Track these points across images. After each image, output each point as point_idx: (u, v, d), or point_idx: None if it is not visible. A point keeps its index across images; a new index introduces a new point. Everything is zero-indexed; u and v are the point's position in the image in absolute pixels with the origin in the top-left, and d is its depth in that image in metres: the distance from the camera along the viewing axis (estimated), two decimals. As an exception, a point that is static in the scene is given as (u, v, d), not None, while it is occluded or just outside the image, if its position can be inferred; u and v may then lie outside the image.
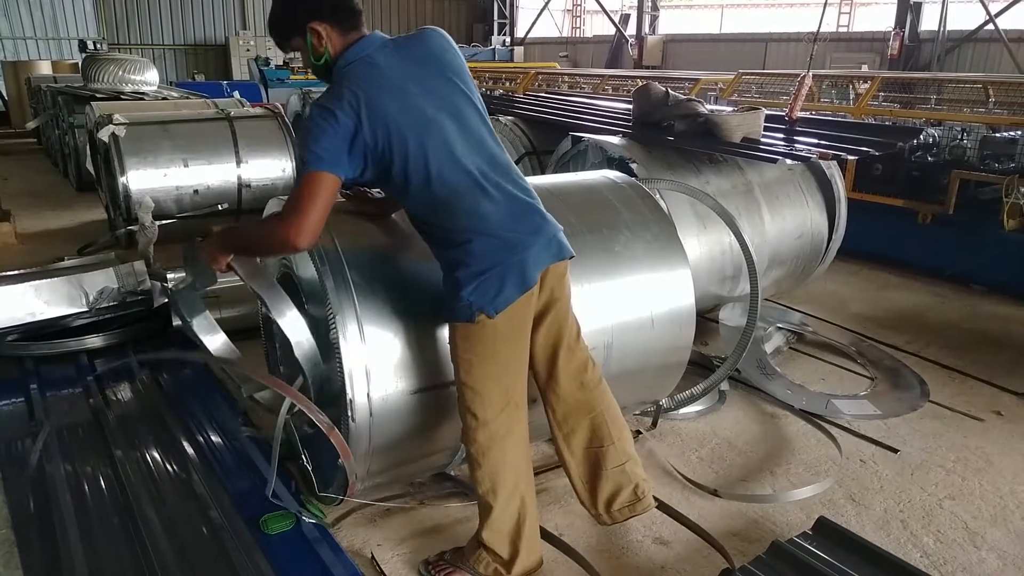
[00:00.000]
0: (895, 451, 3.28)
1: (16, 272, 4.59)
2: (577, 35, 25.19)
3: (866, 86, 7.92)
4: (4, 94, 15.57)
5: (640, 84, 6.32)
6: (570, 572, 2.50)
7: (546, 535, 2.62)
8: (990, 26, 15.15)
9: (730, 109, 5.21)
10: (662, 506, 2.80)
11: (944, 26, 15.57)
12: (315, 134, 2.06)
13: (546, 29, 25.46)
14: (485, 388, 2.23)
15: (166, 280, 4.29)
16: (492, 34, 25.59)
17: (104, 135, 6.00)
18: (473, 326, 2.17)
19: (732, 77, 8.89)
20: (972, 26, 15.55)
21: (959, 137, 5.86)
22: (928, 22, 16.00)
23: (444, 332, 2.42)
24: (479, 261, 2.13)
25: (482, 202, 2.16)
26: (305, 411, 2.35)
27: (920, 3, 15.86)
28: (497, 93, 10.87)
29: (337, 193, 2.12)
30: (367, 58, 2.14)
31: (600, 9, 22.99)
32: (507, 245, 2.15)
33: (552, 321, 2.35)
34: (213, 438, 3.25)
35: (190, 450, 3.15)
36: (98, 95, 8.72)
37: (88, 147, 7.05)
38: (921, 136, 5.87)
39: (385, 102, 2.08)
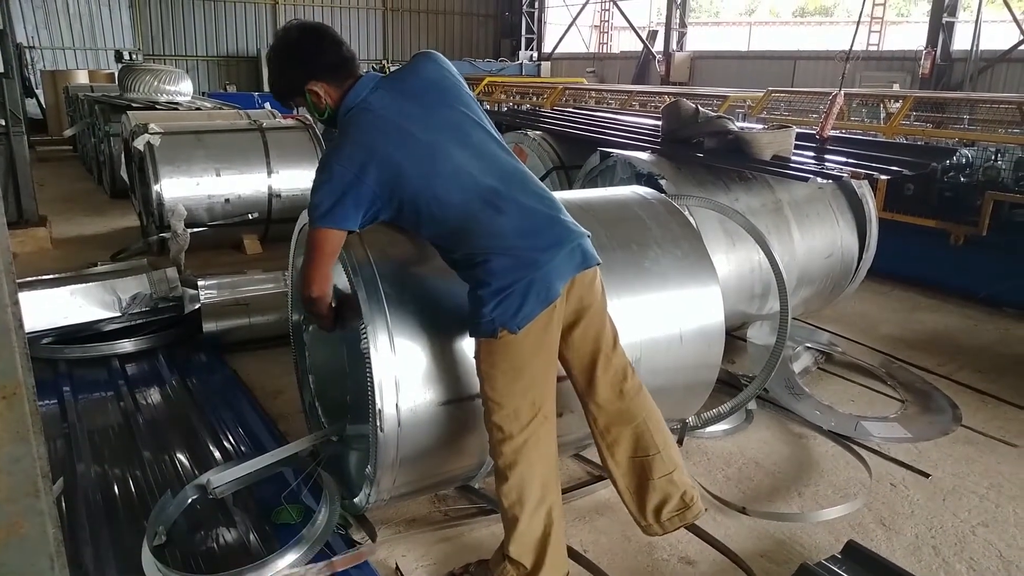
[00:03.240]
0: (926, 475, 3.22)
1: (51, 276, 4.69)
2: (604, 51, 25.27)
3: (898, 105, 7.86)
4: (42, 102, 15.95)
5: (668, 100, 6.33)
6: (594, 589, 2.48)
7: (571, 553, 2.60)
8: (1024, 46, 14.96)
9: (760, 127, 5.19)
10: (689, 525, 2.77)
11: (977, 45, 15.41)
12: (319, 189, 2.18)
13: (573, 44, 25.59)
14: (511, 402, 2.23)
15: (197, 287, 4.36)
16: (520, 49, 25.76)
17: (139, 144, 6.13)
18: (497, 342, 2.17)
19: (761, 94, 8.87)
20: (1006, 46, 15.36)
21: (993, 158, 5.79)
22: (960, 41, 15.84)
23: (472, 344, 2.43)
24: (498, 279, 2.14)
25: (497, 220, 2.17)
26: None
27: (952, 22, 15.71)
28: (524, 108, 10.94)
29: (343, 241, 2.27)
30: (362, 103, 2.22)
31: (628, 25, 23.06)
32: (525, 262, 2.15)
33: (586, 329, 2.34)
34: (240, 443, 3.28)
35: (217, 454, 3.18)
36: (134, 104, 8.92)
37: (123, 155, 7.20)
38: (954, 157, 5.81)
39: (384, 146, 2.16)
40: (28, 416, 0.84)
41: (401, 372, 2.33)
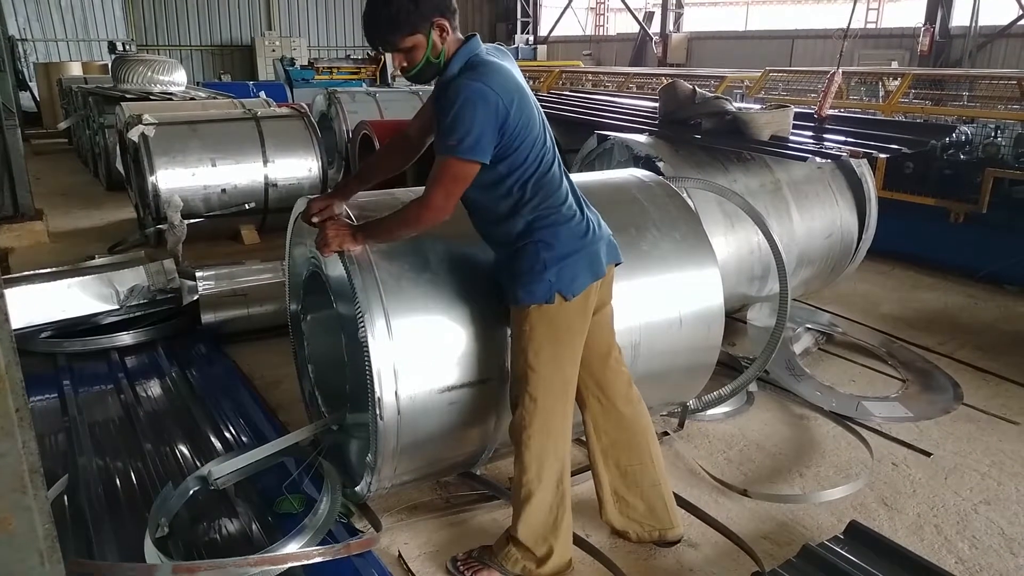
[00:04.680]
0: (928, 454, 3.22)
1: (48, 270, 4.67)
2: (601, 33, 25.10)
3: (896, 83, 7.81)
4: (36, 95, 15.86)
5: (665, 82, 6.28)
6: (597, 574, 2.48)
7: (573, 537, 2.61)
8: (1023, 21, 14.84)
9: (758, 107, 5.15)
10: (690, 508, 2.79)
11: (976, 21, 15.29)
12: (475, 117, 2.03)
13: (569, 27, 25.41)
14: (550, 372, 2.28)
15: (194, 278, 4.34)
16: (515, 32, 25.57)
17: (134, 135, 6.09)
18: (548, 308, 2.23)
19: (759, 75, 8.81)
20: (1005, 21, 15.25)
21: (993, 135, 5.75)
22: (959, 17, 15.72)
23: (473, 329, 2.42)
24: (564, 245, 2.23)
25: (568, 194, 2.30)
26: None
27: (951, -2, 15.60)
28: (521, 92, 10.87)
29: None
30: (487, 56, 2.16)
31: (624, 7, 22.88)
32: (584, 233, 2.28)
33: (603, 324, 2.44)
34: (240, 434, 3.28)
35: (218, 445, 3.18)
36: (128, 96, 8.85)
37: (118, 147, 7.16)
38: (953, 134, 5.77)
39: (521, 94, 2.14)
40: (12, 411, 0.83)
41: (400, 360, 2.32)
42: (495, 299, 2.42)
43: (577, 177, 3.63)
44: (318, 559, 2.37)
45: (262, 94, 10.31)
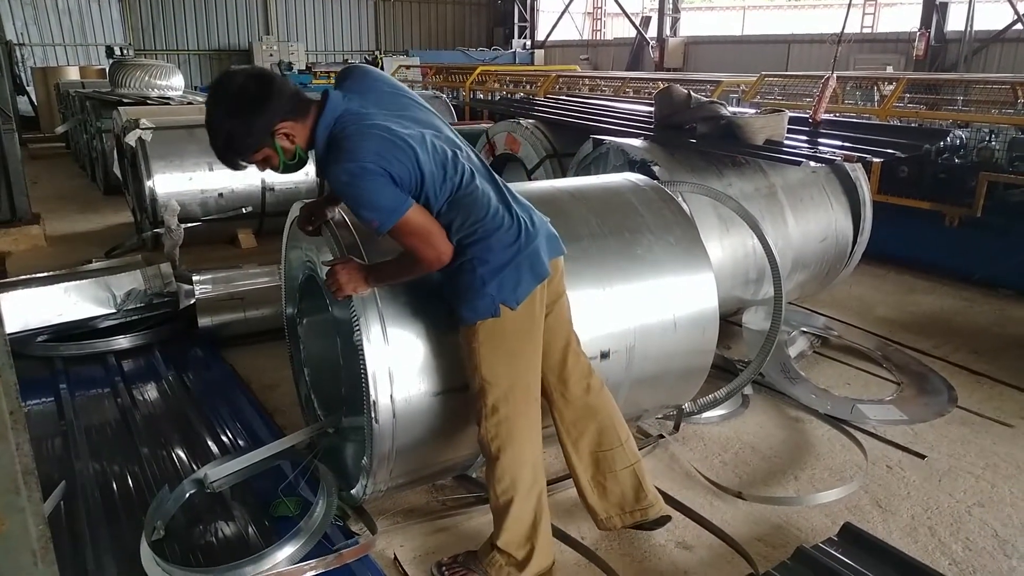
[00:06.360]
0: (922, 457, 3.23)
1: (46, 274, 4.67)
2: (598, 38, 25.16)
3: (891, 87, 7.83)
4: (34, 99, 15.86)
5: (662, 86, 6.31)
6: (592, 576, 2.49)
7: (568, 540, 2.63)
8: (1018, 26, 14.90)
9: (753, 111, 5.18)
10: (685, 510, 2.80)
11: (971, 26, 15.34)
12: (370, 192, 2.01)
13: (566, 32, 25.47)
14: (508, 383, 2.27)
15: (191, 282, 4.35)
16: (513, 37, 25.65)
17: (131, 139, 6.10)
18: (495, 321, 2.21)
19: (754, 79, 8.83)
20: (999, 26, 15.32)
21: (987, 139, 5.78)
22: (954, 22, 15.78)
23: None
24: (497, 255, 2.19)
25: (492, 198, 2.22)
26: None
27: (946, 3, 15.64)
28: (518, 96, 10.89)
29: (424, 212, 2.12)
30: (347, 113, 2.08)
31: (621, 11, 22.95)
32: (516, 237, 2.21)
33: (557, 318, 2.41)
34: (237, 437, 3.28)
35: (215, 448, 3.19)
36: (125, 100, 8.86)
37: (115, 151, 7.17)
38: (948, 138, 5.79)
39: (391, 139, 2.05)
40: (5, 413, 0.84)
41: (395, 363, 2.33)
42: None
43: (572, 181, 3.66)
44: (310, 574, 2.38)
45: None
